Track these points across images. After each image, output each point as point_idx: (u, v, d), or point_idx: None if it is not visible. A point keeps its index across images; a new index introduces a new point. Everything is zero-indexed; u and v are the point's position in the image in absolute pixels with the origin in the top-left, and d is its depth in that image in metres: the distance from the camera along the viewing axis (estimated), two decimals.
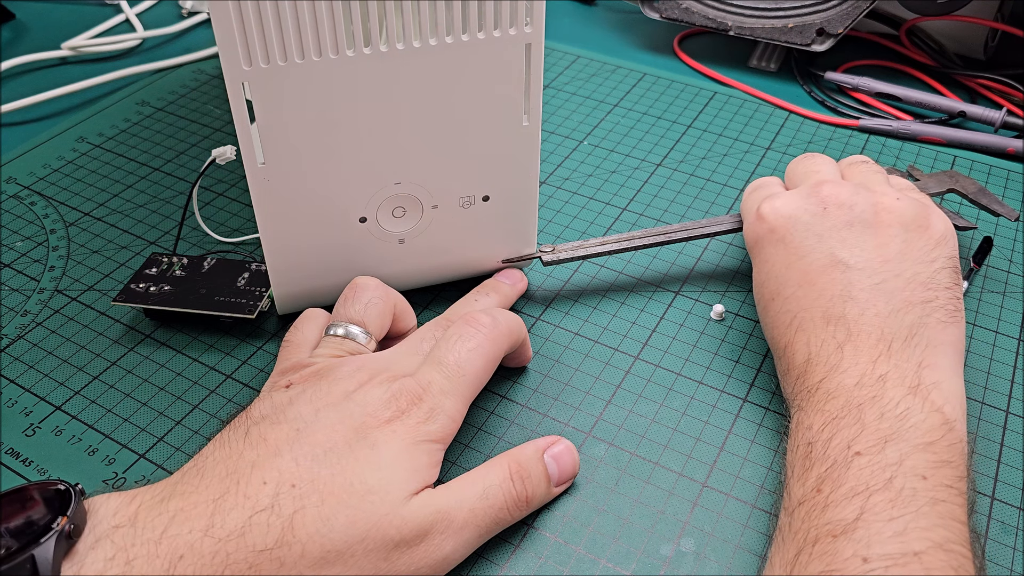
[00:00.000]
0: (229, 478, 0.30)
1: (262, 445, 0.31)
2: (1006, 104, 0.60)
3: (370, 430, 0.32)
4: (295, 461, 0.31)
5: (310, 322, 0.39)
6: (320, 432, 0.32)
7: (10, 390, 0.41)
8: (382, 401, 0.33)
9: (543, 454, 0.35)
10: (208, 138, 0.58)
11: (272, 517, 0.29)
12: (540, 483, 0.35)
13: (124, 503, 0.30)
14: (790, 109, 0.60)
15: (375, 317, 0.38)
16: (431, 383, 0.34)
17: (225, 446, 0.32)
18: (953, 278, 0.38)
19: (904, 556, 0.28)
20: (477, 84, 0.37)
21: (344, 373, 0.34)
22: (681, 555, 0.34)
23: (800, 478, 0.32)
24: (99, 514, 0.29)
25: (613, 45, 0.69)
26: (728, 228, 0.45)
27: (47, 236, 0.50)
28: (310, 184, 0.38)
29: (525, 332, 0.39)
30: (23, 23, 0.72)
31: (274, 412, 0.33)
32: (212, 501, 0.29)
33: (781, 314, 0.38)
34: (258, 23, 0.33)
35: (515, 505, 0.34)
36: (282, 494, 0.30)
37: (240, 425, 0.33)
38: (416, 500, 0.31)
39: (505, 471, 0.34)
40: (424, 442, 0.33)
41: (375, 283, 0.39)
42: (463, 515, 0.32)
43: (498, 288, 0.44)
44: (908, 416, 0.32)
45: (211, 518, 0.29)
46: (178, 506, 0.29)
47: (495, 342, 0.36)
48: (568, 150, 0.57)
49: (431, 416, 0.33)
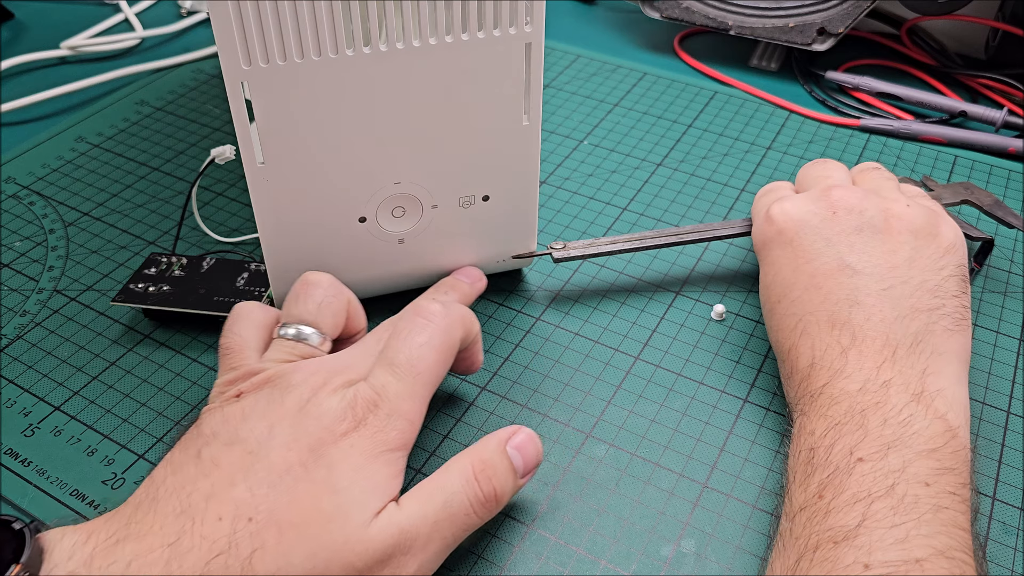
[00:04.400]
0: (184, 515, 0.29)
1: (215, 472, 0.30)
2: (1007, 104, 0.60)
3: (327, 447, 0.30)
4: (250, 491, 0.29)
5: (244, 321, 0.36)
6: (275, 453, 0.30)
7: (9, 390, 0.41)
8: (338, 412, 0.31)
9: (505, 446, 0.33)
10: (207, 138, 0.58)
11: (230, 560, 0.28)
12: (507, 478, 0.33)
13: (80, 542, 0.28)
14: (791, 109, 0.60)
15: (329, 317, 0.36)
16: (385, 386, 0.32)
17: (177, 471, 0.30)
18: (961, 286, 0.37)
19: (906, 563, 0.28)
20: (477, 84, 0.37)
21: (297, 379, 0.32)
22: (681, 556, 0.34)
23: (802, 483, 0.32)
24: (54, 557, 0.28)
25: (613, 45, 0.69)
26: (740, 231, 0.45)
27: (46, 236, 0.50)
28: (309, 184, 0.38)
29: (478, 328, 0.37)
30: (22, 23, 0.72)
31: (226, 428, 0.31)
32: (167, 546, 0.28)
33: (786, 317, 0.38)
34: (257, 23, 0.33)
35: (482, 506, 0.32)
36: (239, 531, 0.28)
37: (191, 444, 0.31)
38: (377, 522, 0.30)
39: (468, 472, 0.32)
40: (384, 452, 0.31)
41: (328, 279, 0.37)
42: (427, 530, 0.30)
43: (456, 287, 0.42)
44: (911, 423, 0.32)
45: (167, 565, 0.27)
46: (134, 551, 0.28)
47: (447, 332, 0.34)
48: (568, 150, 0.57)
49: (389, 422, 0.31)
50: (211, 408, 0.33)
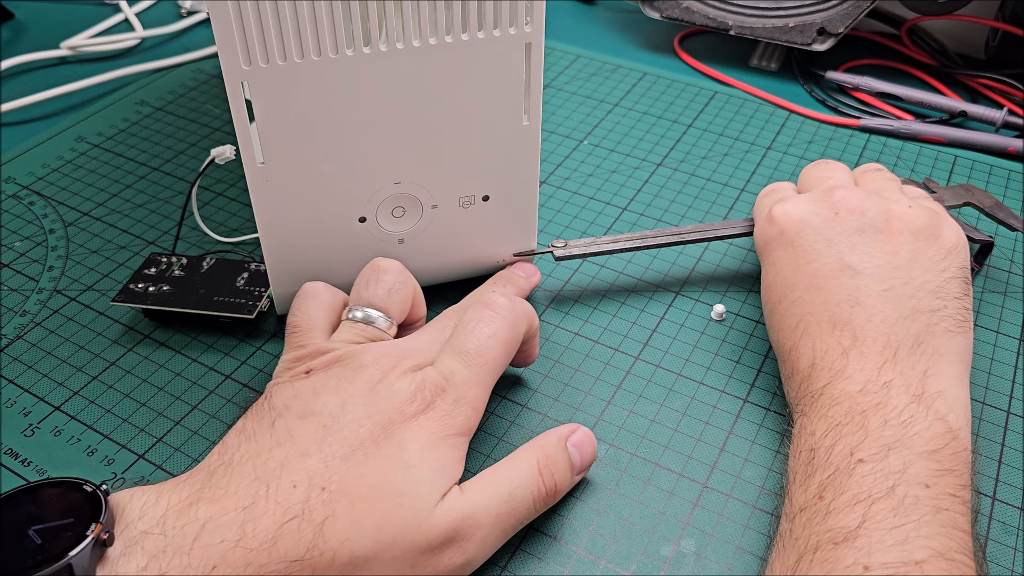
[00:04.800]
0: (258, 481, 0.29)
1: (289, 443, 0.31)
2: (1007, 104, 0.60)
3: (397, 426, 0.31)
4: (324, 462, 0.30)
5: (311, 301, 0.37)
6: (348, 428, 0.31)
7: (9, 390, 0.41)
8: (408, 394, 0.32)
9: (567, 443, 0.35)
10: (207, 138, 0.58)
11: (303, 524, 0.29)
12: (566, 473, 0.34)
13: (150, 503, 0.29)
14: (791, 109, 0.60)
15: (397, 302, 0.37)
16: (453, 373, 0.33)
17: (251, 440, 0.31)
18: (963, 288, 0.37)
19: (905, 565, 0.28)
20: (477, 84, 0.37)
21: (368, 360, 0.33)
22: (681, 556, 0.34)
23: (802, 484, 0.32)
24: (126, 516, 0.29)
25: (613, 44, 0.69)
26: (742, 231, 0.45)
27: (46, 236, 0.50)
28: (310, 184, 0.38)
29: (537, 323, 0.38)
30: (22, 23, 0.72)
31: (298, 402, 0.32)
32: (243, 509, 0.29)
33: (787, 317, 0.38)
34: (257, 23, 0.33)
35: (543, 501, 0.33)
36: (312, 499, 0.29)
37: (264, 415, 0.32)
38: (443, 504, 0.31)
39: (533, 465, 0.33)
40: (450, 436, 0.32)
41: (397, 266, 0.38)
42: (489, 519, 0.32)
43: (513, 280, 0.44)
44: (912, 424, 0.32)
45: (242, 527, 0.28)
46: (208, 513, 0.28)
47: (513, 326, 0.35)
48: (568, 150, 0.57)
49: (455, 408, 0.33)
50: (280, 383, 0.34)
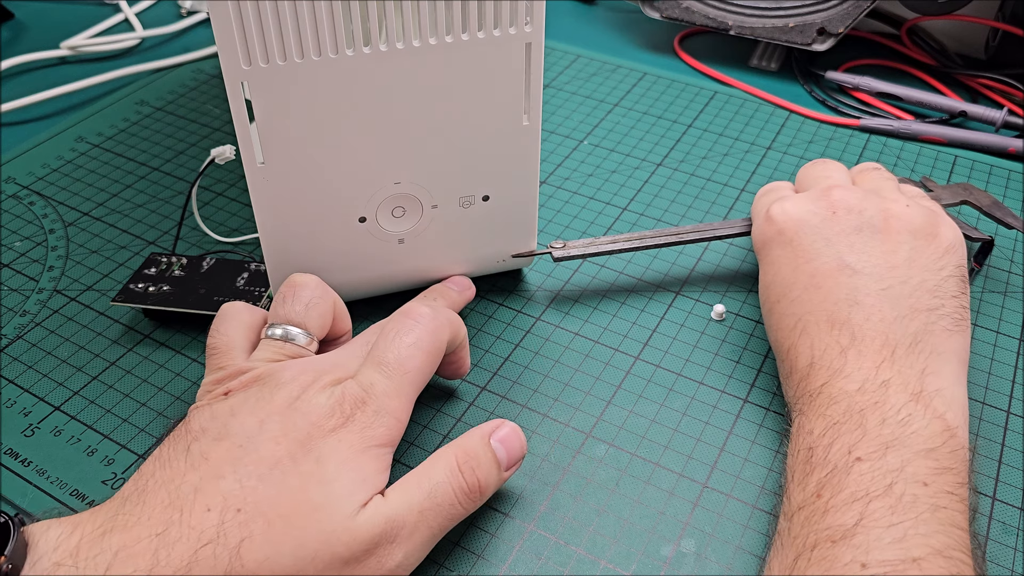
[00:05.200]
0: (172, 507, 0.29)
1: (204, 465, 0.30)
2: (1007, 104, 0.60)
3: (316, 441, 0.31)
4: (239, 483, 0.29)
5: (230, 321, 0.36)
6: (264, 447, 0.30)
7: (9, 390, 0.41)
8: (326, 408, 0.32)
9: (489, 439, 0.34)
10: (207, 138, 0.58)
11: (219, 549, 0.28)
12: (491, 469, 0.34)
13: (65, 534, 0.28)
14: (791, 109, 0.60)
15: (316, 318, 0.36)
16: (373, 384, 0.33)
17: (166, 466, 0.30)
18: (960, 287, 0.38)
19: (903, 562, 0.28)
20: (477, 84, 0.37)
21: (287, 377, 0.33)
22: (682, 556, 0.34)
23: (800, 483, 0.32)
24: (39, 548, 0.28)
25: (613, 45, 0.69)
26: (740, 231, 0.45)
27: (46, 236, 0.50)
28: (309, 184, 0.38)
29: (465, 332, 0.38)
30: (22, 22, 0.72)
31: (214, 424, 0.31)
32: (155, 536, 0.28)
33: (786, 316, 0.38)
34: (257, 23, 0.33)
35: (466, 497, 0.33)
36: (227, 521, 0.28)
37: (180, 440, 0.31)
38: (364, 513, 0.30)
39: (451, 463, 0.33)
40: (372, 447, 0.31)
41: (315, 281, 0.37)
42: (412, 519, 0.31)
43: (445, 293, 0.43)
44: (910, 422, 0.32)
45: (155, 555, 0.27)
46: (120, 542, 0.28)
47: (435, 334, 0.35)
48: (568, 150, 0.57)
49: (376, 419, 0.32)
50: (199, 406, 0.33)
